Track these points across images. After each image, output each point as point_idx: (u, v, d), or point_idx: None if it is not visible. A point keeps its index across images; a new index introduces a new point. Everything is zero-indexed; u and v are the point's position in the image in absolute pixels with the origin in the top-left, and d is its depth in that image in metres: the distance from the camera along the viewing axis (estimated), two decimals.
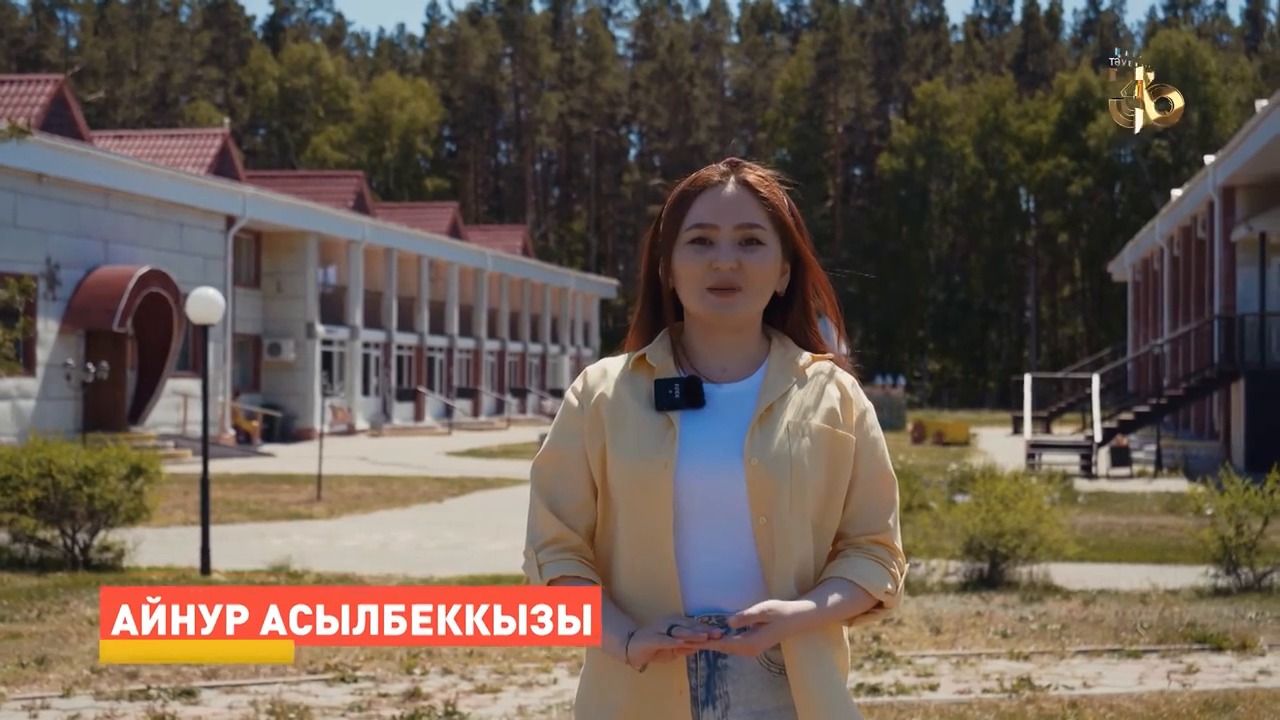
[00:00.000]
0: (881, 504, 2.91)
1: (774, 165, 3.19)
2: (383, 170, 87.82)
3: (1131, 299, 54.71)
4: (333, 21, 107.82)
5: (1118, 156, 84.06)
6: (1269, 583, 13.19)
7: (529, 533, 2.94)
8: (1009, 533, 13.31)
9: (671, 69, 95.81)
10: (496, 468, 31.49)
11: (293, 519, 19.92)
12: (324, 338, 43.90)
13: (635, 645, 2.72)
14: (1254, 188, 32.58)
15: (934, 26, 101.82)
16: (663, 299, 2.97)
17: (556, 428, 2.95)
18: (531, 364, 66.25)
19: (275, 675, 8.60)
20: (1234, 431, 32.08)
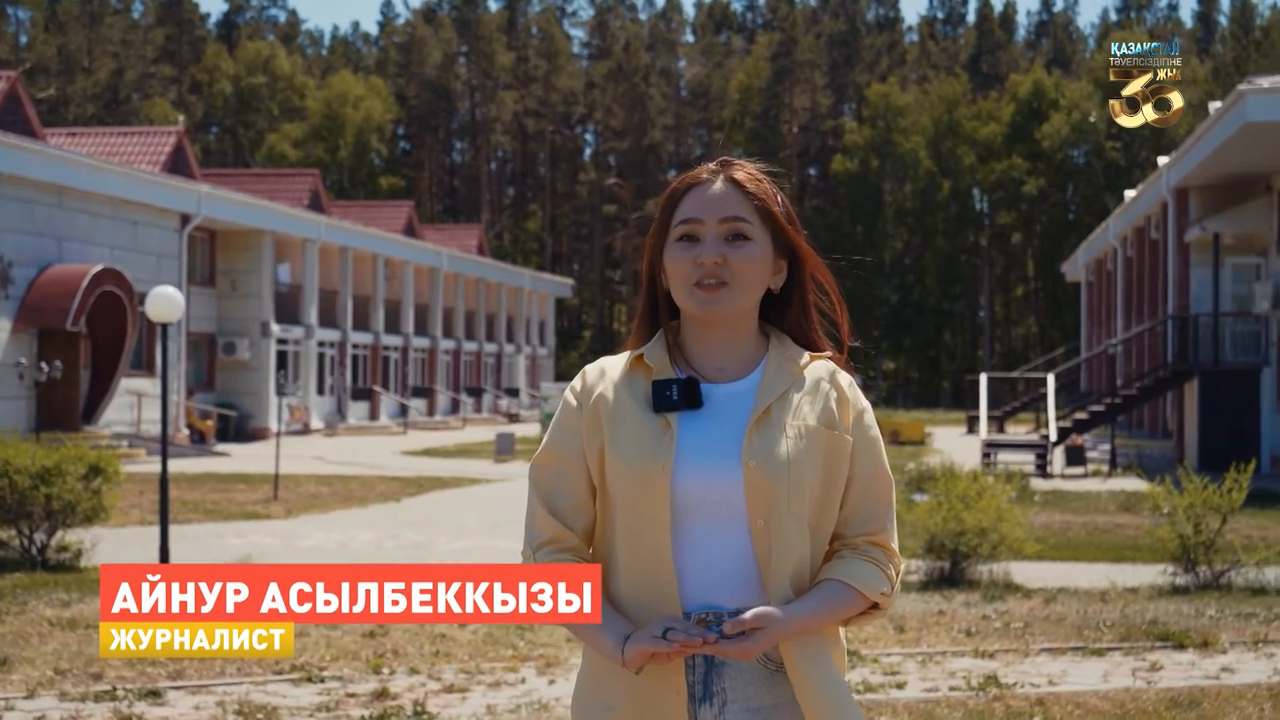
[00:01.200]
0: (878, 504, 2.91)
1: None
2: (337, 169, 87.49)
3: (1085, 299, 55.06)
4: (286, 19, 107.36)
5: (1071, 157, 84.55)
6: (1227, 581, 13.28)
7: (526, 532, 2.93)
8: (970, 531, 13.37)
9: (627, 68, 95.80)
10: (453, 467, 31.41)
11: (250, 519, 19.80)
12: (279, 337, 43.70)
13: (631, 648, 2.71)
14: (1207, 189, 32.83)
15: (889, 27, 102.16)
16: (659, 301, 2.97)
17: (555, 427, 2.94)
18: (487, 363, 66.12)
19: (241, 675, 8.55)
20: (1187, 431, 32.31)
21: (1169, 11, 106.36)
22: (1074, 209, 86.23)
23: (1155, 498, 13.69)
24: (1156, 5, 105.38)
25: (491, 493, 24.92)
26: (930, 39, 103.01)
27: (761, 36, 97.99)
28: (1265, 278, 31.41)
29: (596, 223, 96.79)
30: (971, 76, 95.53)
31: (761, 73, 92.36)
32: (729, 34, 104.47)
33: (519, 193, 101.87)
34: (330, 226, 47.68)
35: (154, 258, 36.22)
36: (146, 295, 15.64)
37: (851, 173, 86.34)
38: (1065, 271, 62.44)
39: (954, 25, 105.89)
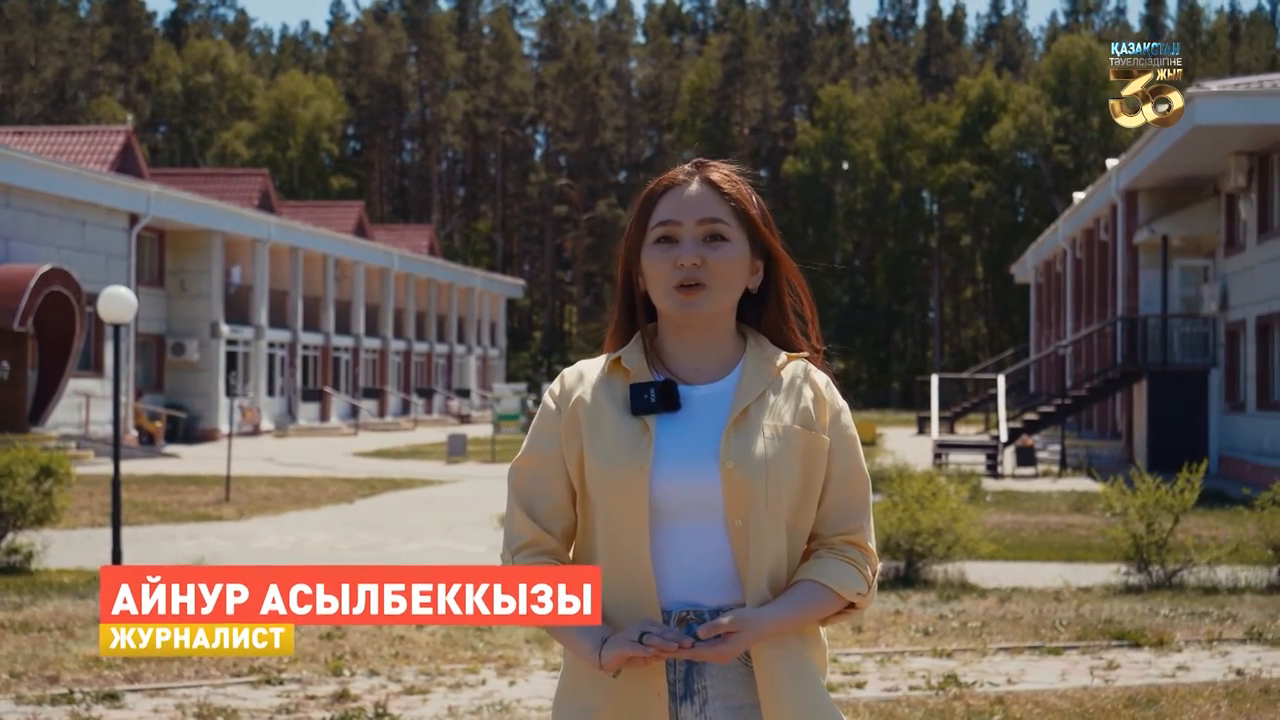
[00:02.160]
0: (855, 504, 2.91)
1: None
2: (287, 168, 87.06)
3: (1034, 300, 55.37)
4: (235, 18, 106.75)
5: (1019, 160, 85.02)
6: (1179, 580, 13.39)
7: (505, 535, 2.94)
8: (925, 532, 13.42)
9: (578, 69, 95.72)
10: (405, 468, 31.33)
11: (202, 520, 19.69)
12: (228, 337, 43.47)
13: (608, 652, 2.70)
14: (1156, 191, 33.09)
15: (839, 29, 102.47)
16: (635, 303, 2.97)
17: (534, 431, 2.94)
18: (438, 364, 65.95)
19: (200, 678, 8.49)
20: (1136, 431, 32.54)
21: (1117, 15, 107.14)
22: (1022, 211, 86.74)
23: (1108, 498, 13.77)
24: (1104, 9, 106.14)
25: (444, 494, 24.86)
26: (880, 41, 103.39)
27: (712, 38, 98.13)
28: (1213, 279, 31.68)
29: (547, 223, 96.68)
30: (921, 79, 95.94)
31: (713, 74, 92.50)
32: (680, 35, 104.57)
33: (469, 193, 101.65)
34: (280, 227, 47.45)
35: (102, 258, 35.96)
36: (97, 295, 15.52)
37: (803, 174, 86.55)
38: (1014, 273, 62.78)
39: (904, 28, 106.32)
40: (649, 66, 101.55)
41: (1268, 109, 25.33)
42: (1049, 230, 49.64)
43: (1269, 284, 26.88)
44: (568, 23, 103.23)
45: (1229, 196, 30.07)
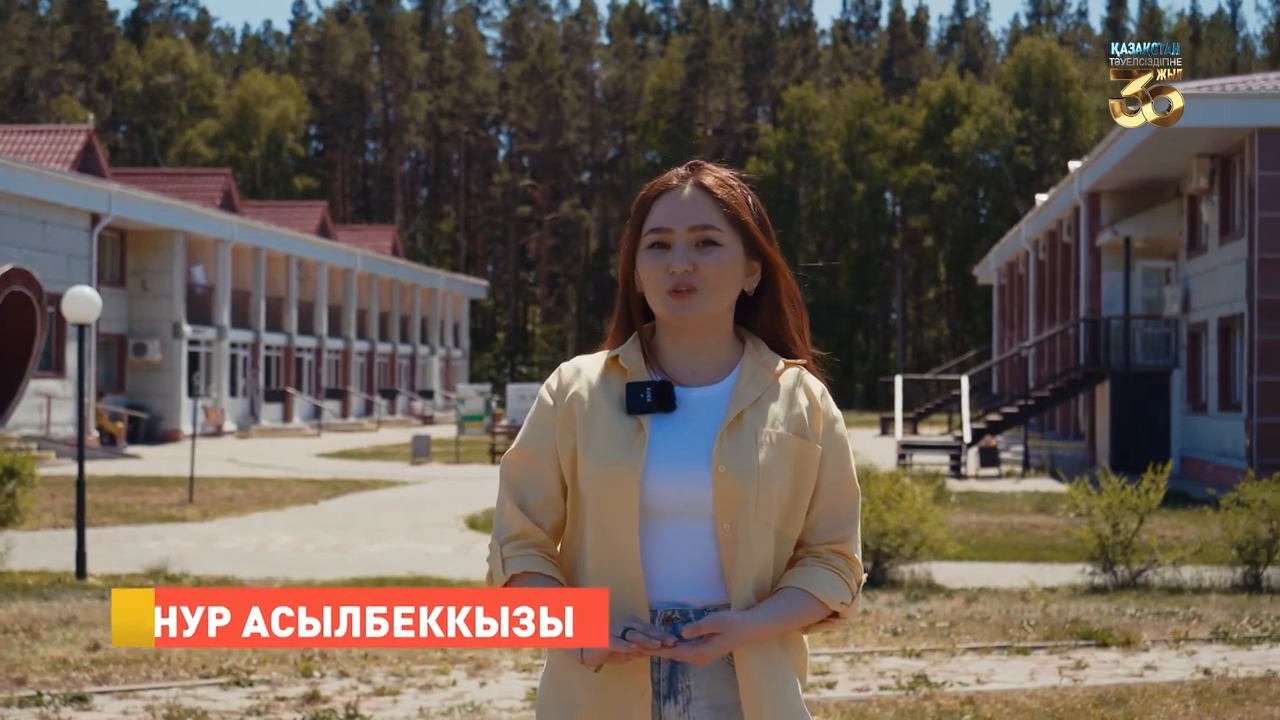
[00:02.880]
0: (843, 513, 2.92)
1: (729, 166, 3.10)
2: (250, 168, 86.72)
3: (997, 301, 55.58)
4: (197, 17, 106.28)
5: (981, 162, 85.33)
6: (1144, 580, 13.46)
7: (495, 526, 2.94)
8: (892, 532, 13.46)
9: (541, 69, 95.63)
10: (369, 469, 31.24)
11: (165, 521, 19.60)
12: (190, 338, 43.27)
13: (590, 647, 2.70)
14: (1119, 193, 33.26)
15: (803, 31, 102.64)
16: (634, 303, 2.97)
17: (529, 424, 2.94)
18: (401, 365, 65.80)
19: (168, 679, 8.44)
20: (1099, 432, 32.70)
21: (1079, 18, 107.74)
22: (984, 213, 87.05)
23: (1074, 498, 13.83)
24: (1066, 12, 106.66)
25: (409, 495, 24.80)
26: (843, 43, 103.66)
27: (676, 39, 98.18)
28: (1175, 281, 31.86)
29: (510, 224, 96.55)
30: (884, 80, 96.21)
31: (676, 75, 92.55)
32: (644, 36, 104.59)
33: (433, 194, 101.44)
34: (243, 227, 47.27)
35: (64, 257, 35.74)
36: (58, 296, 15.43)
37: (766, 175, 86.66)
38: (977, 274, 63.02)
39: (867, 29, 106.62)
40: (612, 67, 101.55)
41: (1230, 111, 25.49)
42: (1012, 232, 49.84)
43: (1231, 285, 27.05)
44: (531, 23, 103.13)
45: (1191, 198, 30.25)
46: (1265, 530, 13.36)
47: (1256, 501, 13.35)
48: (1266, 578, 13.36)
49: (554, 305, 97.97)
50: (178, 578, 13.46)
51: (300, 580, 13.59)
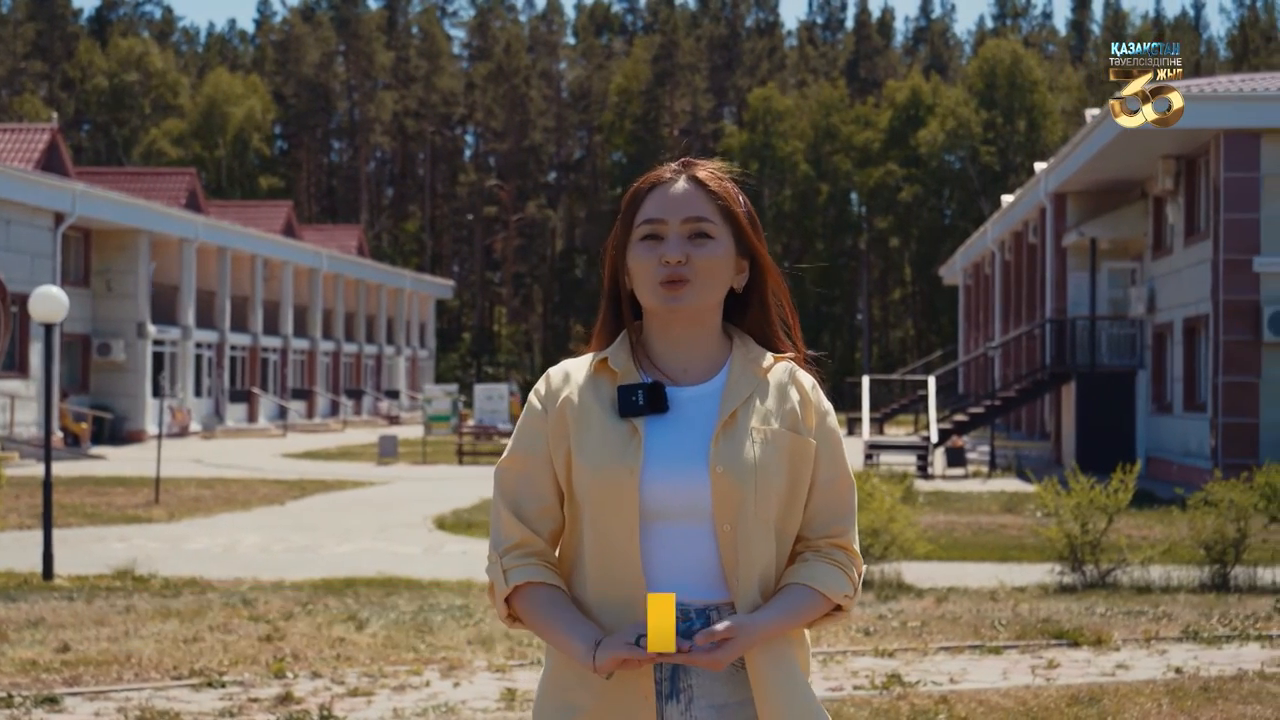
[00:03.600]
0: (840, 507, 2.92)
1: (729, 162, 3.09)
2: (215, 168, 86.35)
3: (962, 302, 55.75)
4: (161, 16, 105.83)
5: (947, 163, 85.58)
6: (1113, 579, 13.51)
7: (493, 536, 2.91)
8: (862, 532, 13.46)
9: (507, 69, 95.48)
10: (335, 470, 31.14)
11: (131, 522, 19.51)
12: (155, 338, 43.03)
13: (603, 654, 2.69)
14: (1085, 194, 33.40)
15: (769, 32, 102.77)
16: (622, 302, 2.96)
17: (520, 431, 2.92)
18: (367, 365, 65.63)
19: (140, 681, 8.39)
20: (1065, 432, 32.84)
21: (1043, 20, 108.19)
22: (950, 213, 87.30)
23: (1043, 498, 13.87)
24: (1031, 14, 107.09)
25: (377, 495, 24.73)
26: (809, 44, 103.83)
27: (642, 39, 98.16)
28: (1140, 282, 32.01)
29: (477, 224, 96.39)
30: (850, 82, 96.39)
31: (642, 75, 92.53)
32: (609, 36, 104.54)
33: (398, 193, 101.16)
34: (208, 226, 47.06)
35: (27, 257, 35.52)
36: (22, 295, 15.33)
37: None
38: (943, 275, 63.19)
39: (833, 31, 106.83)
40: (579, 67, 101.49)
41: (1195, 113, 25.58)
42: (978, 232, 49.99)
43: (1196, 286, 27.20)
44: (497, 23, 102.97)
45: (1156, 200, 30.40)
46: (1233, 530, 13.42)
47: (1224, 501, 13.41)
48: (1234, 577, 13.42)
49: (520, 305, 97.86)
50: (146, 579, 13.39)
51: (270, 581, 13.53)
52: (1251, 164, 25.29)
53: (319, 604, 11.62)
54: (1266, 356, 25.28)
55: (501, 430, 36.45)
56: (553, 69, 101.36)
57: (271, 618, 10.79)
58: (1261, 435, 25.03)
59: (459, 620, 10.74)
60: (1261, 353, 25.28)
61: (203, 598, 12.04)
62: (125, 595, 12.22)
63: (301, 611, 11.15)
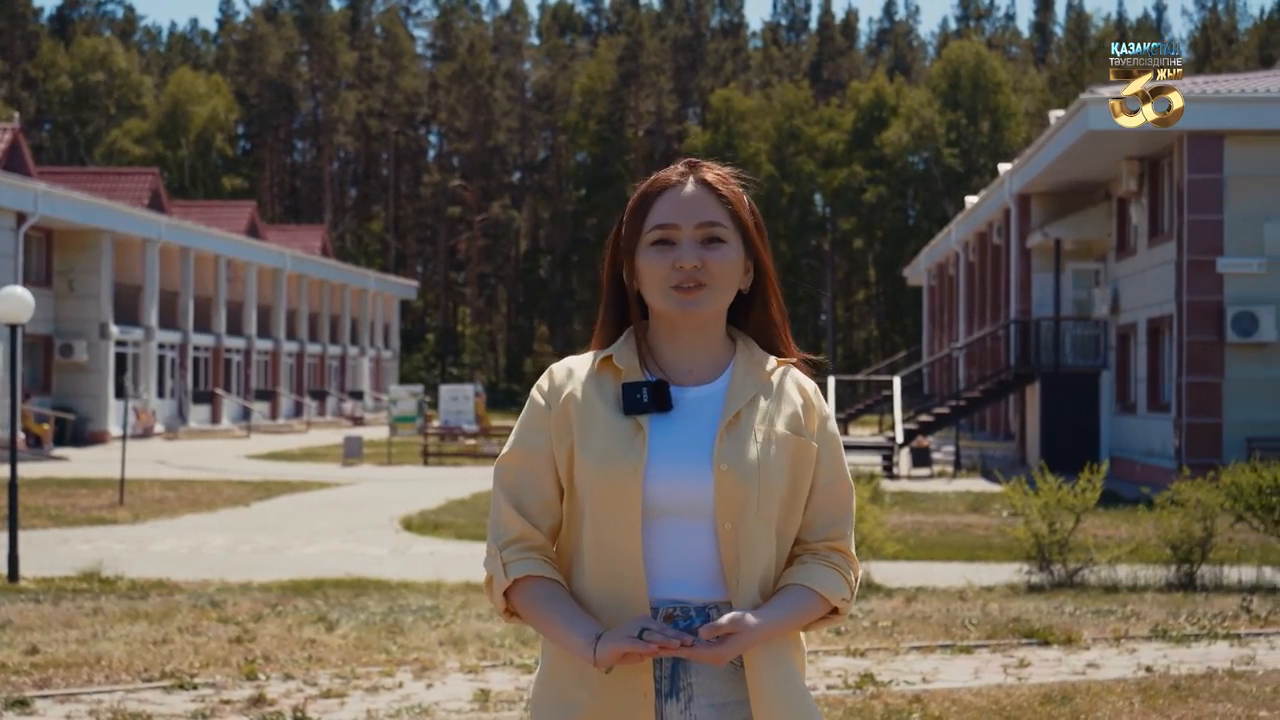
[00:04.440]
0: (839, 510, 2.93)
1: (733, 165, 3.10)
2: (178, 168, 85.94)
3: (927, 303, 55.90)
4: (123, 15, 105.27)
5: (910, 164, 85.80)
6: (1080, 579, 13.55)
7: (492, 530, 2.91)
8: None
9: (471, 70, 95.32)
10: (301, 471, 31.02)
11: (96, 524, 19.40)
12: (118, 338, 42.80)
13: (604, 647, 2.69)
14: (1049, 195, 33.54)
15: (733, 33, 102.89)
16: (628, 301, 2.96)
17: (522, 426, 2.92)
18: (331, 365, 65.42)
19: (111, 683, 8.34)
20: (1029, 432, 32.96)
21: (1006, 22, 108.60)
22: (913, 214, 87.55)
23: (1011, 497, 13.91)
24: (995, 16, 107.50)
25: (343, 496, 24.66)
26: (774, 45, 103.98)
27: (606, 40, 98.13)
28: (1104, 283, 32.15)
29: (440, 224, 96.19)
30: (813, 83, 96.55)
31: (606, 76, 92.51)
32: (573, 36, 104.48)
33: (362, 194, 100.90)
34: (171, 226, 46.85)
35: None
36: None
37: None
38: (907, 275, 63.36)
39: (797, 32, 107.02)
40: (543, 68, 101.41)
41: None
42: (942, 233, 50.14)
43: (1159, 287, 27.34)
44: (461, 23, 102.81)
45: (1120, 201, 30.54)
46: (1199, 529, 13.49)
47: (1191, 501, 13.48)
48: (1200, 576, 13.49)
49: (484, 306, 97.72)
50: (112, 580, 13.31)
51: (237, 582, 13.46)
52: (1215, 165, 25.44)
53: (288, 605, 11.57)
54: (1230, 357, 25.43)
55: (467, 431, 36.40)
56: (517, 69, 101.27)
57: (241, 619, 10.74)
58: (1225, 435, 25.17)
59: (429, 621, 10.71)
60: (1225, 353, 25.43)
61: (170, 599, 11.98)
62: (92, 597, 12.15)
63: (271, 613, 11.11)
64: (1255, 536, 14.82)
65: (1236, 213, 25.43)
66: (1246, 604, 11.66)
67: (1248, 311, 25.10)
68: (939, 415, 33.82)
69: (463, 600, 11.99)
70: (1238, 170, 25.45)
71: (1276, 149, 25.48)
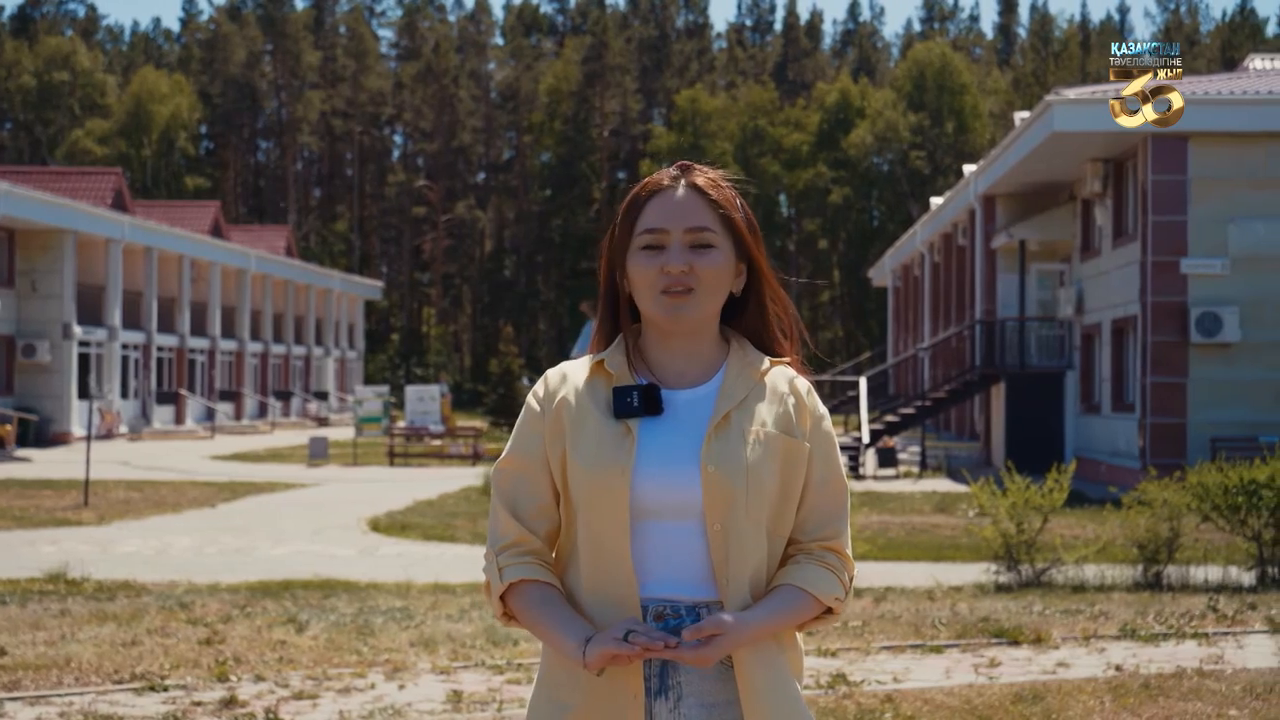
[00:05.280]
0: (833, 510, 2.94)
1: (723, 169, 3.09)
2: (140, 167, 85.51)
3: (892, 304, 56.05)
4: (85, 14, 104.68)
5: (875, 165, 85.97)
6: (1048, 578, 13.61)
7: (490, 534, 2.93)
8: None
9: (436, 70, 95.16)
10: (266, 472, 30.91)
11: (61, 525, 19.30)
12: (81, 339, 42.58)
13: (593, 650, 2.70)
14: (1013, 197, 33.65)
15: (698, 33, 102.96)
16: (619, 304, 2.97)
17: (518, 432, 2.94)
18: (295, 366, 65.20)
19: (81, 685, 8.29)
20: (994, 432, 33.08)
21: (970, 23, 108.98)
22: (878, 216, 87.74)
23: (979, 498, 13.95)
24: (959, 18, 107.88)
25: (309, 497, 24.59)
26: (738, 46, 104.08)
27: (571, 40, 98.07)
28: (1069, 283, 32.29)
29: (405, 224, 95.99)
30: (778, 84, 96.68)
31: (571, 76, 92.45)
32: (539, 37, 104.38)
33: (326, 194, 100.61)
34: (134, 226, 46.64)
35: None
36: None
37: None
38: (872, 277, 63.50)
39: (762, 33, 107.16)
40: (508, 68, 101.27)
41: None
42: (907, 234, 50.26)
43: (1123, 288, 27.46)
44: (425, 23, 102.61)
45: (1085, 202, 30.67)
46: (1166, 529, 13.56)
47: (1158, 501, 13.55)
48: (1167, 576, 13.56)
49: (449, 306, 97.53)
50: (79, 582, 13.24)
51: (205, 584, 13.40)
52: (1179, 167, 25.57)
53: (257, 607, 11.53)
54: (1194, 357, 25.56)
55: (433, 432, 36.33)
56: (481, 69, 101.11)
57: (210, 621, 10.69)
58: (1189, 435, 25.31)
59: (400, 622, 10.68)
60: (1189, 353, 25.57)
61: (138, 601, 11.92)
62: (59, 599, 12.08)
63: (240, 614, 11.06)
64: (1221, 536, 14.89)
65: (1200, 214, 25.57)
66: (1213, 603, 11.72)
67: (1211, 312, 25.24)
68: (904, 415, 33.91)
69: (432, 601, 11.97)
70: (1202, 172, 25.59)
71: (1240, 151, 25.64)
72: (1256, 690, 8.32)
